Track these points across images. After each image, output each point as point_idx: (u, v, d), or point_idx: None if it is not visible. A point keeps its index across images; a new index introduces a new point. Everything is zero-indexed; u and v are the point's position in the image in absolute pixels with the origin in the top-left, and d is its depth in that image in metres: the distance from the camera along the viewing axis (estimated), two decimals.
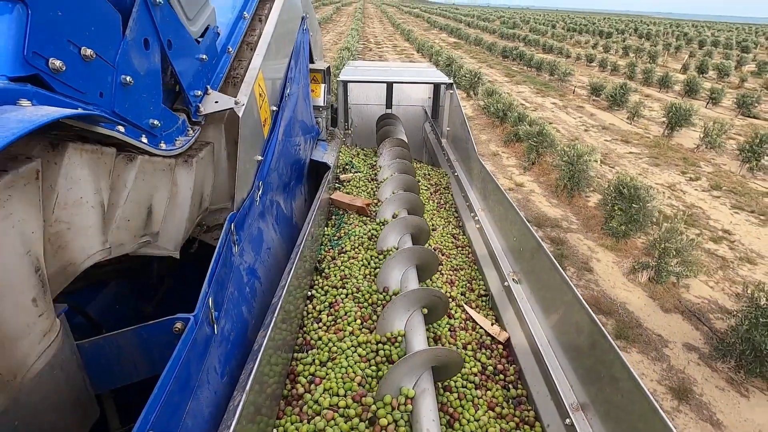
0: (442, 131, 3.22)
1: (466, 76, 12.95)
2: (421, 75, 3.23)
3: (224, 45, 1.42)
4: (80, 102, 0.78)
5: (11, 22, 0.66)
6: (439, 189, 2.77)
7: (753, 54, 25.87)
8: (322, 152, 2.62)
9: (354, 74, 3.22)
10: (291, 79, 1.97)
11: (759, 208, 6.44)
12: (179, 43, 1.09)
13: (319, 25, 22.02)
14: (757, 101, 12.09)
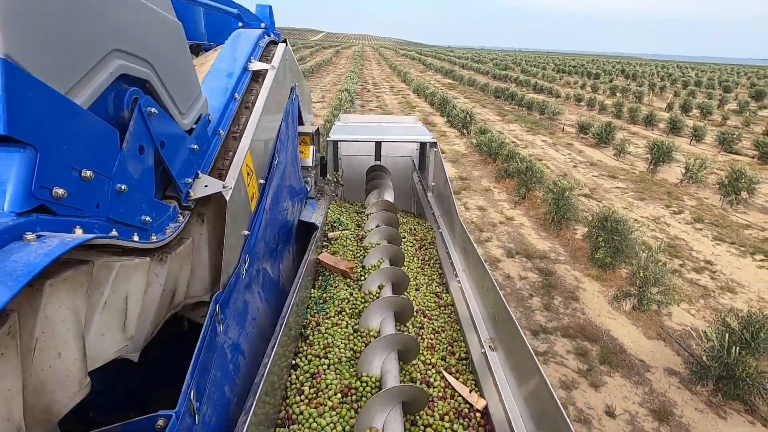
0: (428, 185, 3.28)
1: (459, 115, 13.57)
2: (407, 132, 3.33)
3: (215, 128, 1.45)
4: (78, 218, 0.79)
5: (20, 164, 0.68)
6: (424, 244, 2.79)
7: (734, 93, 27.02)
8: (310, 212, 2.64)
9: (344, 132, 3.32)
10: (279, 149, 2.00)
11: (739, 240, 6.72)
12: (172, 140, 1.11)
13: (319, 66, 23.19)
14: (737, 138, 12.64)
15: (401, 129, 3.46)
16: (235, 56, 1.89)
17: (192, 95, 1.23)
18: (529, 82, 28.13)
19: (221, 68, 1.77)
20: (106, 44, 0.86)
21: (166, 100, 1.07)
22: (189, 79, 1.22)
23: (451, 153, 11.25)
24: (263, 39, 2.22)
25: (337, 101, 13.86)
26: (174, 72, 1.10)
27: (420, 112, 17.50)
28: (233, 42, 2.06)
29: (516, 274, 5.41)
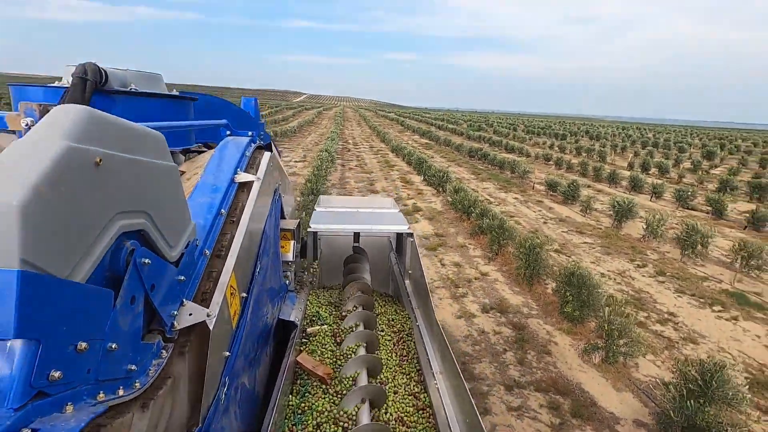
0: (405, 271, 3.26)
1: (435, 174, 14.25)
2: (384, 221, 3.35)
3: (201, 249, 1.41)
4: (69, 391, 0.76)
5: (23, 360, 0.66)
6: (402, 336, 2.74)
7: (689, 153, 29.22)
8: (290, 307, 2.58)
9: (324, 220, 3.30)
10: (262, 255, 1.95)
11: (698, 292, 7.12)
12: (161, 281, 1.07)
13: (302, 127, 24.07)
14: (692, 195, 13.61)
15: (378, 216, 3.49)
16: (222, 168, 1.90)
17: (183, 228, 1.20)
18: (501, 142, 29.84)
19: (208, 182, 1.77)
20: (109, 214, 0.85)
21: (159, 242, 1.05)
22: (181, 214, 1.19)
23: (428, 210, 11.71)
24: (250, 147, 2.25)
25: (318, 161, 14.42)
26: (168, 212, 1.09)
27: (398, 170, 18.25)
28: (221, 153, 2.08)
29: (491, 329, 5.58)
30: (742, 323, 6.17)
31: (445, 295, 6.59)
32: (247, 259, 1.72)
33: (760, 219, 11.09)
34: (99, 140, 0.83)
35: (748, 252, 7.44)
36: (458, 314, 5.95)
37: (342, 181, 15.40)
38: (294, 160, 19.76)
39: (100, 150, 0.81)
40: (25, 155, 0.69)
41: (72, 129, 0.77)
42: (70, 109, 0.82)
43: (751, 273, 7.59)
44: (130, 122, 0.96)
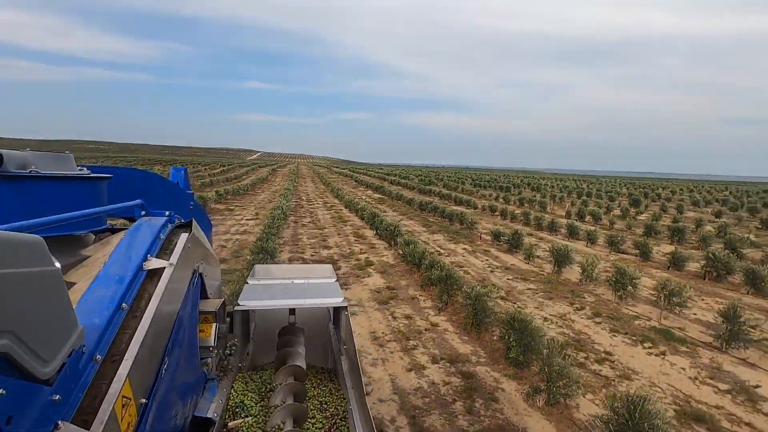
0: (341, 347, 3.15)
1: (387, 228, 14.64)
2: (321, 293, 3.23)
3: (91, 354, 1.22)
4: None
5: None
6: (335, 422, 2.60)
7: (618, 201, 32.02)
8: (208, 400, 2.32)
9: (256, 295, 3.06)
10: (171, 349, 1.73)
11: (631, 330, 7.65)
12: (24, 409, 0.91)
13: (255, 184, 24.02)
14: (622, 240, 14.84)
15: (315, 288, 3.33)
16: (129, 255, 1.72)
17: (64, 336, 1.03)
18: (451, 195, 31.30)
19: (111, 272, 1.59)
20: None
21: (27, 362, 0.88)
22: (62, 321, 1.03)
23: (381, 264, 11.90)
24: (165, 229, 2.07)
25: (270, 219, 14.40)
26: (43, 324, 0.94)
27: (351, 225, 18.53)
28: (131, 237, 1.90)
29: (440, 380, 5.65)
30: (669, 357, 6.66)
31: (396, 348, 6.63)
32: (150, 358, 1.52)
33: (679, 259, 12.24)
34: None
35: (670, 290, 8.17)
36: (409, 367, 5.99)
37: (295, 237, 15.38)
38: (246, 218, 19.56)
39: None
40: None
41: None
42: None
43: (674, 310, 8.28)
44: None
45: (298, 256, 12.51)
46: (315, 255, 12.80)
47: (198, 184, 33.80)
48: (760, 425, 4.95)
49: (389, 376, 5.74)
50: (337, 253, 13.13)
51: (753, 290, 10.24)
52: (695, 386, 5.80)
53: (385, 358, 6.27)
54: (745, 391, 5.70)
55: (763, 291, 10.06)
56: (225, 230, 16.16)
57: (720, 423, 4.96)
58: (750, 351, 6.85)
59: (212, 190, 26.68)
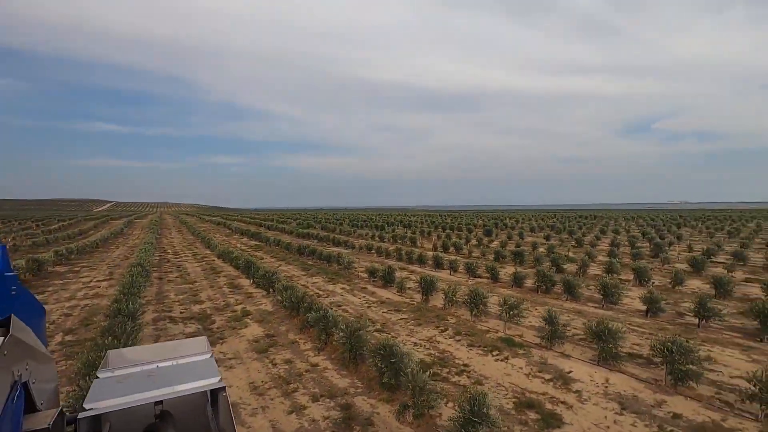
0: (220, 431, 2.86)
1: (264, 276, 14.42)
2: (194, 374, 2.86)
3: None
4: None
5: None
6: None
7: (475, 232, 36.58)
8: None
9: (110, 391, 2.54)
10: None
11: (483, 342, 8.97)
12: None
13: (106, 240, 21.29)
14: (476, 267, 17.13)
15: (186, 369, 2.94)
16: None
17: None
18: (329, 236, 31.96)
19: None
20: None
21: None
22: None
23: (259, 313, 11.68)
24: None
25: (128, 277, 13.00)
26: None
27: (225, 276, 17.67)
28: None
29: (320, 416, 5.92)
30: (511, 360, 8.02)
31: (277, 394, 6.69)
32: None
33: (519, 278, 14.69)
34: None
35: (510, 305, 9.85)
36: (289, 409, 6.12)
37: (160, 295, 14.07)
38: (96, 279, 17.15)
39: None
40: None
41: None
42: None
43: (514, 321, 9.97)
44: None
45: (165, 315, 11.51)
46: (185, 311, 11.93)
47: (29, 243, 28.35)
48: (571, 401, 6.35)
49: (269, 422, 5.79)
50: (210, 307, 12.44)
51: (570, 297, 12.85)
52: (528, 380, 7.13)
53: (266, 406, 6.28)
54: (562, 377, 7.21)
55: (577, 296, 12.72)
56: (70, 296, 13.97)
57: (545, 405, 6.22)
58: (566, 345, 8.65)
59: (49, 249, 22.66)
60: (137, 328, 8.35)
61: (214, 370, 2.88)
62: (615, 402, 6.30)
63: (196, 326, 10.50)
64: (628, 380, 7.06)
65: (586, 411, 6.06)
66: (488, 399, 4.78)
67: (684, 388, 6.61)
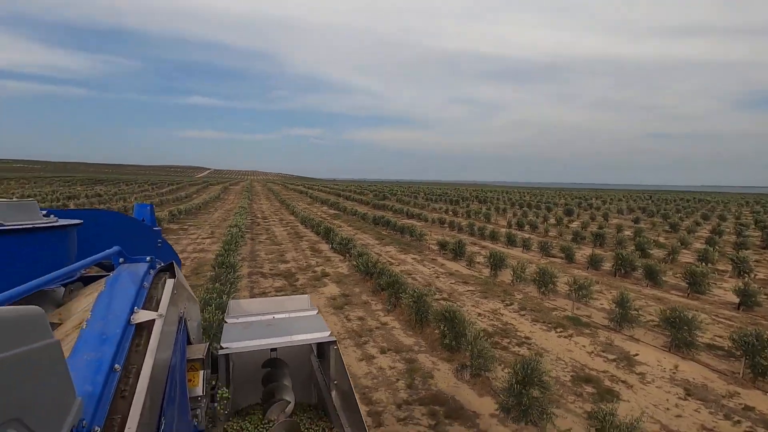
0: (330, 381, 3.04)
1: (342, 242, 15.60)
2: (304, 328, 3.11)
3: (90, 427, 1.13)
4: None
5: None
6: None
7: (554, 211, 34.96)
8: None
9: (235, 335, 2.93)
10: (167, 408, 1.63)
11: (548, 319, 9.10)
12: None
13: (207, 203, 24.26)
14: (551, 246, 16.74)
15: (297, 323, 3.21)
16: (114, 309, 1.61)
17: (65, 411, 0.96)
18: (403, 209, 32.78)
19: (97, 330, 1.46)
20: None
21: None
22: (63, 396, 0.96)
23: (336, 275, 12.83)
24: (149, 276, 1.95)
25: (228, 236, 14.93)
26: (46, 401, 0.88)
27: (307, 240, 19.30)
28: (112, 288, 1.76)
29: (387, 366, 6.69)
30: (575, 338, 8.11)
31: (350, 344, 7.60)
32: (149, 421, 1.42)
33: (595, 260, 14.17)
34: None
35: (579, 285, 9.76)
36: (360, 357, 6.99)
37: (253, 253, 15.95)
38: (201, 237, 19.77)
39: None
40: None
41: None
42: None
43: (583, 301, 9.87)
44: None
45: (257, 271, 13.16)
46: (273, 269, 13.50)
47: None
48: (632, 381, 6.40)
49: None
50: (294, 267, 13.90)
51: (651, 282, 12.20)
52: (590, 358, 7.24)
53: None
54: (627, 359, 7.20)
55: (659, 283, 12.04)
56: (181, 249, 16.41)
57: (603, 382, 6.36)
58: (637, 330, 8.47)
59: (163, 210, 26.39)
60: (236, 278, 9.81)
61: (323, 325, 3.13)
62: (680, 387, 6.23)
63: (283, 282, 11.92)
64: (701, 369, 6.85)
65: (646, 392, 6.10)
66: (541, 365, 5.11)
67: (764, 383, 6.29)
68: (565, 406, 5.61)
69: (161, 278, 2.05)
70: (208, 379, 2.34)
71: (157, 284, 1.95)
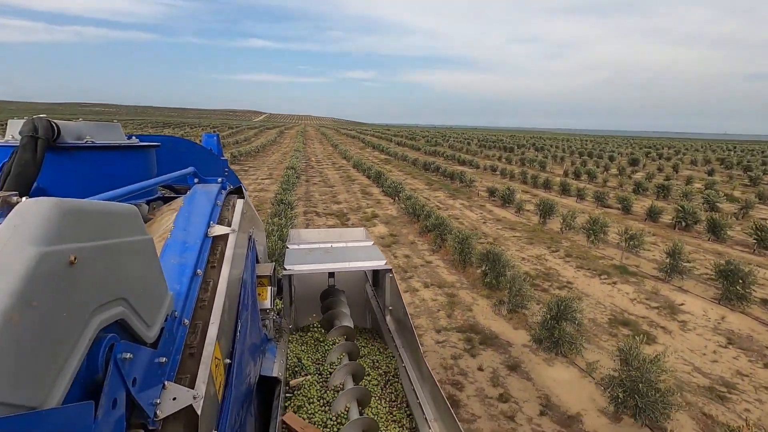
0: (385, 306, 3.17)
1: (391, 186, 16.01)
2: (360, 256, 3.23)
3: (180, 320, 1.25)
4: None
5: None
6: (389, 378, 2.67)
7: (618, 161, 32.83)
8: (271, 360, 2.38)
9: (297, 260, 3.12)
10: (242, 311, 1.79)
11: (593, 267, 9.13)
12: (142, 371, 0.92)
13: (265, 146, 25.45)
14: (607, 196, 16.10)
15: (354, 251, 3.36)
16: (193, 222, 1.74)
17: (161, 302, 1.06)
18: (455, 155, 32.30)
19: (179, 239, 1.60)
20: (85, 315, 0.72)
21: (137, 327, 0.91)
22: (159, 288, 1.06)
23: (385, 216, 13.39)
24: (221, 195, 2.09)
25: (285, 177, 15.83)
26: (146, 290, 0.97)
27: (359, 184, 19.91)
28: (190, 204, 1.90)
29: (429, 298, 7.23)
30: (619, 286, 8.16)
31: (396, 278, 8.19)
32: (228, 322, 1.57)
33: (654, 212, 13.55)
34: (72, 236, 0.70)
35: (630, 235, 9.57)
36: (405, 290, 7.57)
37: (307, 194, 16.86)
38: (260, 177, 21.01)
39: (74, 245, 0.70)
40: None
41: (42, 230, 0.66)
42: (36, 207, 0.69)
43: (634, 251, 9.70)
44: (101, 203, 0.87)
45: (311, 210, 14.03)
46: (326, 209, 14.31)
47: None
48: (672, 327, 6.49)
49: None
50: (346, 207, 14.62)
51: (713, 237, 11.60)
52: (632, 304, 7.33)
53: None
54: (670, 307, 7.21)
55: (722, 238, 11.42)
56: None
57: (641, 326, 6.50)
58: (688, 281, 8.32)
59: (225, 152, 28.00)
60: (294, 215, 10.63)
61: (380, 255, 3.27)
62: (722, 336, 6.24)
63: (335, 221, 12.68)
64: (750, 322, 6.75)
65: (685, 338, 6.20)
66: (575, 303, 5.36)
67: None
68: (597, 344, 5.89)
69: (232, 199, 2.20)
70: (274, 296, 2.50)
71: (228, 204, 2.10)
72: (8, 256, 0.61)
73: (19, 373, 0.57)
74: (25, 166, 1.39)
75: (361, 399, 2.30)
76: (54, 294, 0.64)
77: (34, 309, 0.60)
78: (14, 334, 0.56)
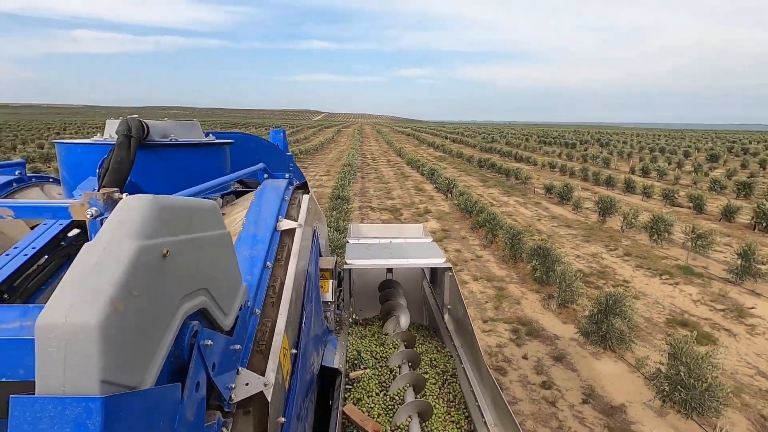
0: (443, 305, 3.15)
1: (444, 182, 16.19)
2: (419, 253, 3.22)
3: (251, 310, 1.30)
4: None
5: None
6: (446, 378, 2.65)
7: (694, 157, 30.27)
8: (332, 351, 2.42)
9: (357, 254, 3.14)
10: (306, 304, 1.84)
11: (654, 267, 8.77)
12: (221, 356, 0.98)
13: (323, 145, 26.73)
14: (676, 194, 15.10)
15: (413, 248, 3.34)
16: (263, 216, 1.83)
17: (236, 292, 1.11)
18: (512, 152, 31.57)
19: (250, 233, 1.69)
20: (175, 303, 0.79)
21: (217, 315, 0.97)
22: (235, 279, 1.11)
23: (437, 212, 13.62)
24: (288, 191, 2.18)
25: (342, 173, 16.56)
26: (224, 281, 1.03)
27: (412, 181, 20.25)
28: (260, 199, 2.00)
29: (478, 290, 7.43)
30: (681, 286, 7.81)
31: None
32: (295, 313, 1.64)
33: (730, 211, 12.56)
34: (165, 230, 0.78)
35: (697, 234, 9.05)
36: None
37: (363, 190, 17.49)
38: (319, 174, 22.04)
39: (167, 239, 0.77)
40: (97, 265, 0.65)
41: (142, 225, 0.72)
42: (137, 204, 0.76)
43: (703, 252, 9.16)
44: (187, 199, 0.95)
45: (366, 205, 14.61)
46: (381, 204, 14.81)
47: None
48: (737, 330, 6.18)
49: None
50: (399, 203, 15.04)
51: None
52: (694, 306, 7.02)
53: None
54: (738, 310, 6.83)
55: None
56: None
57: (702, 327, 6.26)
58: (763, 284, 7.76)
59: None
60: (349, 210, 11.21)
61: (439, 252, 3.28)
62: None
63: (389, 215, 13.13)
64: None
65: (752, 342, 5.89)
66: (626, 299, 5.34)
67: None
68: (650, 342, 5.79)
69: (298, 194, 2.32)
70: (335, 289, 2.57)
71: (294, 198, 2.19)
72: (114, 249, 0.67)
73: (123, 356, 0.63)
74: (121, 163, 1.51)
75: (416, 384, 2.38)
76: (150, 284, 0.70)
77: (135, 298, 0.65)
78: (119, 321, 0.62)
